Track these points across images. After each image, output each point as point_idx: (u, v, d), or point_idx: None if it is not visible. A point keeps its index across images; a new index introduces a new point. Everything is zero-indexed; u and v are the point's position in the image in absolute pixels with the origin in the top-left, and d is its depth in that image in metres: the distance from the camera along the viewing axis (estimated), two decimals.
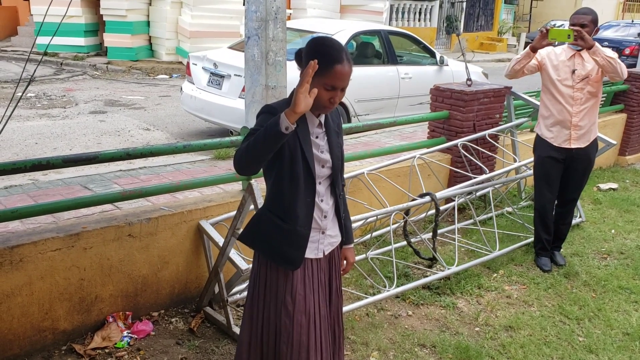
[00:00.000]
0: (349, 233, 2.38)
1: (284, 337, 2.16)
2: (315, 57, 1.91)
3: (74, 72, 12.24)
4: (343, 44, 7.87)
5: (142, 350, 3.08)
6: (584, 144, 4.00)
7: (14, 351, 2.92)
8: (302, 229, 2.13)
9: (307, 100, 1.85)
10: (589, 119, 3.95)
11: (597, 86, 3.91)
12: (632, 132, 7.00)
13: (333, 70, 1.96)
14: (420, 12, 18.77)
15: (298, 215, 2.11)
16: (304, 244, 2.15)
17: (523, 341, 3.33)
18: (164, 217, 3.31)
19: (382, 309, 3.60)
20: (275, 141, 1.88)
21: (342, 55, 1.98)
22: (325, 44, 2.03)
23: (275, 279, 2.18)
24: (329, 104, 2.02)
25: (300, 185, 2.08)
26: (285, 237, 2.14)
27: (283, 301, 2.16)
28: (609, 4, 27.69)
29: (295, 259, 2.16)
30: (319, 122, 2.13)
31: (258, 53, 3.88)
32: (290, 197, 2.10)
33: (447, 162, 5.05)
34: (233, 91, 6.44)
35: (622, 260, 4.45)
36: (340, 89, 2.01)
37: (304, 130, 2.07)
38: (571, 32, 3.67)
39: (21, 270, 2.84)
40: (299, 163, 2.06)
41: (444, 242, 4.50)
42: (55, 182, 4.32)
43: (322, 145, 2.14)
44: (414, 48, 8.27)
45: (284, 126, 1.84)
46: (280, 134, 1.85)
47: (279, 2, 3.84)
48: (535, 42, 3.80)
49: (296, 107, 1.84)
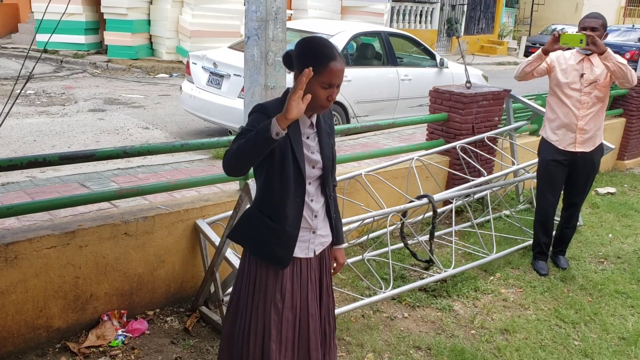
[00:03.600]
0: (339, 233, 2.38)
1: (273, 335, 2.16)
2: (308, 58, 1.93)
3: (73, 69, 12.24)
4: (343, 45, 7.86)
5: (137, 349, 3.07)
6: (589, 149, 3.99)
7: (8, 349, 2.91)
8: (291, 228, 2.14)
9: (300, 106, 1.85)
10: (594, 123, 3.95)
11: (605, 91, 3.91)
12: (631, 137, 7.00)
13: (329, 68, 1.96)
14: (421, 14, 18.79)
15: (287, 215, 2.12)
16: (292, 243, 2.16)
17: (519, 344, 3.32)
18: (161, 216, 3.30)
19: (377, 310, 3.59)
20: (265, 146, 1.89)
21: (334, 53, 1.99)
22: (316, 43, 2.03)
23: (264, 277, 2.19)
24: (327, 102, 2.03)
25: (290, 185, 2.08)
26: (274, 237, 2.14)
27: (272, 299, 2.17)
28: (610, 9, 27.70)
29: (283, 258, 2.16)
30: (310, 122, 2.13)
31: (258, 53, 3.88)
32: (279, 197, 2.10)
33: (446, 164, 5.04)
34: (232, 91, 6.43)
35: (619, 264, 4.45)
36: (336, 86, 2.02)
37: (295, 130, 2.07)
38: (584, 37, 3.64)
39: (16, 268, 2.83)
40: (289, 163, 2.06)
41: (441, 244, 4.49)
42: (53, 179, 4.32)
43: (313, 146, 2.14)
44: (414, 50, 8.28)
45: (275, 132, 1.84)
46: (271, 139, 1.85)
47: (280, 2, 3.83)
48: (547, 45, 3.80)
49: (288, 114, 1.84)
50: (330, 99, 2.02)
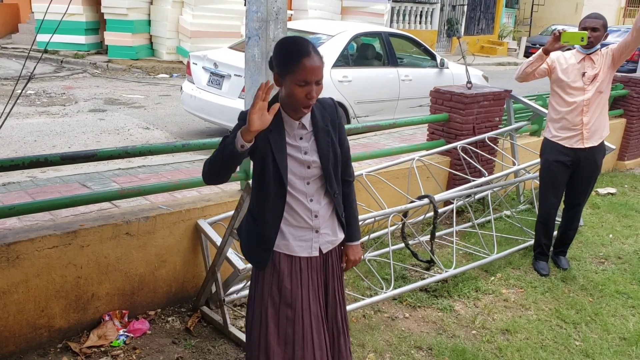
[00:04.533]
0: (352, 230, 2.34)
1: (271, 329, 2.16)
2: (281, 58, 1.94)
3: (74, 70, 12.24)
4: (344, 45, 7.83)
5: (138, 349, 3.07)
6: (597, 142, 4.00)
7: (10, 348, 2.91)
8: (269, 232, 2.15)
9: (264, 117, 1.87)
10: (598, 117, 3.97)
11: (606, 85, 3.94)
12: (631, 137, 7.00)
13: (301, 64, 1.93)
14: (422, 15, 18.80)
15: (266, 220, 2.14)
16: (269, 246, 2.16)
17: (520, 345, 3.33)
18: (162, 216, 3.30)
19: (379, 310, 3.60)
20: (232, 159, 1.92)
21: (308, 49, 1.96)
22: (288, 42, 2.03)
23: (262, 273, 2.20)
24: (307, 100, 1.98)
25: (268, 190, 2.09)
26: (255, 237, 2.18)
27: (270, 292, 2.18)
28: (610, 10, 27.72)
29: (261, 259, 2.18)
30: (300, 124, 2.10)
31: (258, 53, 3.88)
32: (260, 200, 2.14)
33: (446, 164, 5.04)
34: (233, 91, 6.44)
35: (619, 265, 4.45)
36: (315, 83, 1.97)
37: (278, 135, 2.06)
38: (584, 35, 3.64)
39: (18, 268, 2.83)
40: (269, 169, 2.06)
41: (442, 244, 4.50)
42: (54, 179, 4.32)
43: (306, 147, 2.11)
44: (415, 50, 8.28)
45: (239, 144, 1.86)
46: (236, 152, 1.87)
47: (280, 2, 3.84)
48: (547, 44, 3.79)
49: (250, 126, 1.86)
50: (309, 96, 1.97)
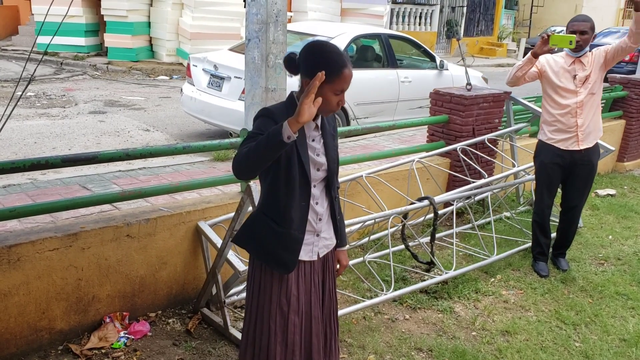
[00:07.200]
0: (343, 235, 2.39)
1: (279, 337, 2.17)
2: (320, 65, 1.91)
3: (74, 71, 12.25)
4: (343, 47, 7.87)
5: (139, 350, 3.08)
6: (591, 144, 4.02)
7: (11, 350, 2.91)
8: (296, 232, 2.14)
9: (312, 109, 1.85)
10: (592, 118, 3.98)
11: (598, 86, 3.95)
12: (631, 139, 7.01)
13: (342, 75, 1.99)
14: (421, 16, 18.82)
15: (293, 219, 2.12)
16: (297, 247, 2.16)
17: (519, 346, 3.33)
18: (163, 218, 3.31)
19: (379, 312, 3.60)
20: (276, 149, 1.89)
21: (345, 59, 2.02)
22: (328, 50, 2.03)
23: (269, 281, 2.19)
24: (337, 107, 2.07)
25: (295, 189, 2.09)
26: (279, 241, 2.14)
27: (278, 302, 2.17)
28: (609, 11, 27.77)
29: (288, 262, 2.16)
30: (315, 125, 2.14)
31: (258, 55, 3.89)
32: (285, 200, 2.10)
33: (446, 166, 5.05)
34: (233, 93, 6.44)
35: (619, 266, 4.46)
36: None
37: (300, 133, 2.07)
38: (573, 38, 3.65)
39: (18, 270, 2.84)
40: (295, 167, 2.07)
41: (442, 246, 4.50)
42: (54, 181, 4.32)
43: (318, 148, 2.14)
44: (414, 52, 8.29)
45: (286, 135, 1.83)
46: (282, 143, 1.85)
47: (280, 4, 3.85)
48: (536, 47, 3.80)
49: (300, 117, 1.83)
50: (340, 104, 2.06)
